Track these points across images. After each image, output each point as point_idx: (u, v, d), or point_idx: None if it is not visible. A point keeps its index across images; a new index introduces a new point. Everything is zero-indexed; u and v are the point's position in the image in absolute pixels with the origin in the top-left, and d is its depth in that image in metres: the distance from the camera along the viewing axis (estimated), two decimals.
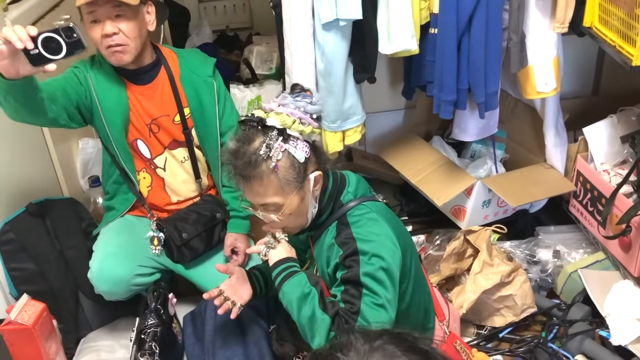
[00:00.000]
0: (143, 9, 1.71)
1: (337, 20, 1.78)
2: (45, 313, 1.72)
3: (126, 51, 1.69)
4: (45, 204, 1.98)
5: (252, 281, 1.60)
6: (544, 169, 2.19)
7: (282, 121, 1.33)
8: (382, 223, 1.38)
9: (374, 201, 1.45)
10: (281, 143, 1.31)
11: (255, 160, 1.31)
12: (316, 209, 1.42)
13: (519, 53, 1.84)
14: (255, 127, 1.34)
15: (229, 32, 3.96)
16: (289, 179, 1.33)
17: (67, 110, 1.71)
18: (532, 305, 1.87)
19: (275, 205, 1.36)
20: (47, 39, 1.34)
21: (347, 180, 1.47)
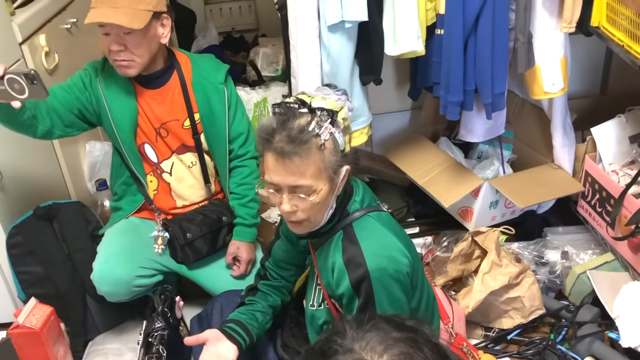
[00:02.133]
0: (155, 24, 1.69)
1: (342, 22, 1.77)
2: (53, 316, 1.73)
3: (131, 66, 1.70)
4: (53, 207, 1.99)
5: (230, 337, 1.47)
6: (551, 170, 2.18)
7: (332, 105, 1.30)
8: (390, 235, 1.34)
9: (379, 211, 1.41)
10: (329, 125, 1.27)
11: (304, 135, 1.24)
12: (332, 210, 1.36)
13: (526, 53, 1.83)
14: (295, 108, 1.29)
15: (234, 34, 3.97)
16: (331, 161, 1.27)
17: (64, 121, 1.74)
18: (540, 306, 1.85)
19: (308, 189, 1.27)
20: (11, 79, 1.42)
21: (354, 189, 1.43)
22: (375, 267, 1.29)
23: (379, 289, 1.30)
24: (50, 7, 2.32)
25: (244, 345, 1.48)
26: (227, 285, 1.86)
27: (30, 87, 1.41)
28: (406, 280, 1.34)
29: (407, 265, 1.33)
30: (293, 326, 1.65)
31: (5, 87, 1.41)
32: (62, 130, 1.75)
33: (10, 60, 1.99)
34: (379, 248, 1.32)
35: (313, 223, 1.36)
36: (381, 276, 1.29)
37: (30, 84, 1.41)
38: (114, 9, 1.61)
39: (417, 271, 1.41)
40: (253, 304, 1.59)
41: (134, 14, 1.62)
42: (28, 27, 2.11)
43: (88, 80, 1.77)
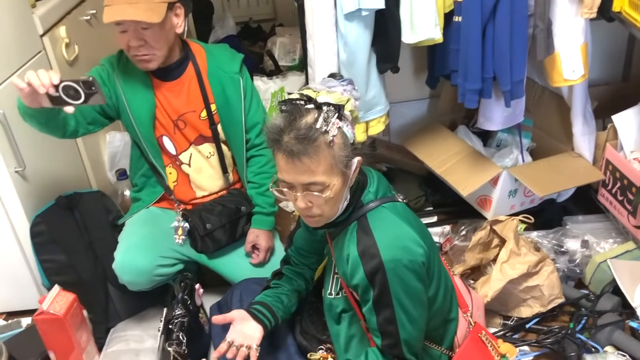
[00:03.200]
0: (170, 15, 1.69)
1: (359, 10, 1.76)
2: (76, 303, 1.76)
3: (152, 59, 1.71)
4: (75, 196, 2.02)
5: (256, 317, 1.52)
6: (571, 158, 2.15)
7: (338, 99, 1.30)
8: (405, 226, 1.34)
9: (394, 202, 1.41)
10: (337, 120, 1.27)
11: (313, 133, 1.24)
12: (347, 202, 1.37)
13: (545, 40, 1.81)
14: (301, 104, 1.28)
15: (252, 24, 3.97)
16: (341, 156, 1.27)
17: (86, 119, 1.76)
18: (559, 295, 1.84)
19: (322, 185, 1.28)
20: (68, 87, 1.43)
21: (368, 179, 1.43)
22: (390, 258, 1.30)
23: (394, 279, 1.30)
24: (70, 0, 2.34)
25: (269, 326, 1.52)
26: (246, 273, 1.88)
27: (86, 93, 1.44)
28: (421, 270, 1.34)
29: (422, 255, 1.33)
30: (312, 313, 1.67)
31: (60, 94, 1.44)
32: (85, 128, 1.78)
33: (31, 52, 2.03)
34: (392, 239, 1.32)
35: (327, 217, 1.37)
36: (395, 267, 1.30)
37: (88, 90, 1.43)
38: (130, 4, 1.61)
39: (433, 260, 1.41)
40: (278, 287, 1.62)
41: (150, 7, 1.62)
42: (49, 19, 2.14)
43: (106, 75, 1.79)
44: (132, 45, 1.67)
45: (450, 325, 1.51)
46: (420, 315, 1.36)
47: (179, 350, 1.62)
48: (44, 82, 1.41)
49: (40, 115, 1.59)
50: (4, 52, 1.86)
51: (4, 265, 1.99)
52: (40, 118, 1.61)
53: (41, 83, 1.41)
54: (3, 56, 1.85)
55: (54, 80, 1.42)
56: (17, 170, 1.88)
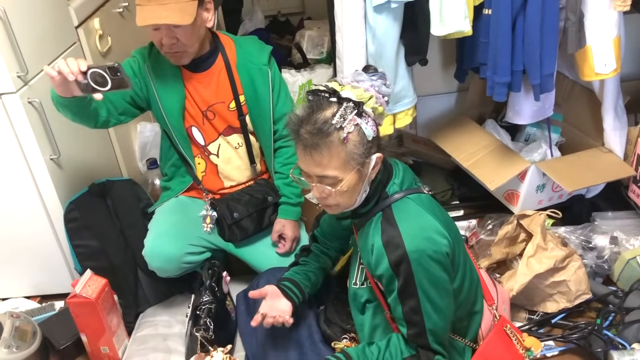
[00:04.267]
0: (200, 11, 1.72)
1: (388, 2, 1.77)
2: (107, 288, 1.81)
3: (184, 55, 1.74)
4: (106, 184, 2.07)
5: (286, 294, 1.62)
6: (601, 153, 2.13)
7: (359, 95, 1.31)
8: (429, 217, 1.35)
9: (419, 193, 1.42)
10: (355, 116, 1.28)
11: (327, 128, 1.26)
12: (366, 194, 1.39)
13: (576, 33, 1.78)
14: (326, 97, 1.31)
15: (280, 17, 4.00)
16: (356, 153, 1.30)
17: (118, 109, 1.80)
18: (586, 291, 1.82)
19: (334, 179, 1.31)
20: (95, 73, 1.48)
21: (394, 171, 1.44)
22: (414, 249, 1.31)
23: (418, 269, 1.31)
24: None
25: (297, 302, 1.62)
26: (272, 262, 1.91)
27: (112, 79, 1.48)
28: (446, 260, 1.34)
29: (446, 246, 1.34)
30: (336, 303, 1.69)
31: (89, 81, 1.48)
32: (117, 118, 1.82)
33: (67, 43, 2.08)
34: (417, 229, 1.33)
35: (345, 206, 1.40)
36: (420, 257, 1.31)
37: (114, 75, 1.48)
38: (163, 5, 1.63)
39: (458, 252, 1.41)
40: (306, 265, 1.70)
41: (182, 8, 1.64)
42: (83, 12, 2.19)
43: (137, 67, 1.82)
44: (165, 43, 1.70)
45: (475, 317, 1.52)
46: (446, 305, 1.37)
47: (206, 336, 1.66)
48: (73, 69, 1.45)
49: (73, 104, 1.63)
50: (41, 42, 1.92)
51: (39, 250, 2.05)
52: (73, 107, 1.65)
53: (70, 70, 1.45)
54: (40, 47, 1.91)
55: (81, 67, 1.46)
56: (52, 158, 1.93)
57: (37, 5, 1.92)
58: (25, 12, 1.84)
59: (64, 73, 1.46)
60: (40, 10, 1.93)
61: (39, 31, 1.91)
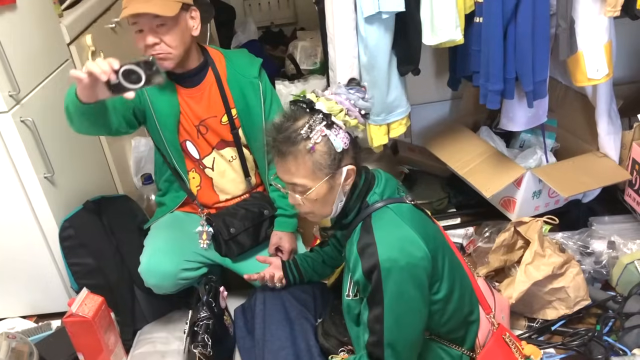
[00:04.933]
0: (185, 16, 1.73)
1: (379, 13, 1.77)
2: (104, 306, 1.80)
3: (168, 58, 1.73)
4: (102, 201, 2.06)
5: (285, 271, 1.75)
6: (596, 158, 2.13)
7: (330, 107, 1.35)
8: (406, 227, 1.36)
9: (400, 203, 1.42)
10: (323, 127, 1.33)
11: (295, 137, 1.33)
12: (342, 203, 1.43)
13: (568, 39, 1.79)
14: (303, 108, 1.37)
15: (273, 28, 4.01)
16: (322, 163, 1.34)
17: (125, 118, 1.79)
18: (585, 297, 1.82)
19: (303, 187, 1.37)
20: (128, 70, 1.39)
21: (376, 180, 1.46)
22: (386, 258, 1.32)
23: (388, 279, 1.31)
24: (96, 8, 2.39)
25: (291, 282, 1.77)
26: None
27: (148, 75, 1.39)
28: (420, 274, 1.34)
29: (421, 259, 1.33)
30: (333, 315, 1.68)
31: (120, 80, 1.40)
32: (125, 129, 1.81)
33: (59, 61, 2.08)
34: (392, 239, 1.35)
35: (320, 215, 1.45)
36: (391, 267, 1.31)
37: (149, 70, 1.40)
38: (144, 2, 1.65)
39: (442, 263, 1.41)
40: (317, 253, 1.79)
41: (164, 4, 1.66)
42: (75, 28, 2.19)
43: None
44: (148, 43, 1.69)
45: (471, 326, 1.51)
46: (411, 323, 1.36)
47: (204, 352, 1.65)
48: (104, 68, 1.37)
49: (92, 112, 1.57)
50: (33, 61, 1.91)
51: (35, 269, 2.04)
52: (92, 115, 1.60)
53: (102, 70, 1.37)
54: (32, 65, 1.90)
55: (114, 66, 1.39)
56: (46, 176, 1.92)
57: (28, 24, 1.91)
58: (16, 30, 1.84)
59: (96, 73, 1.37)
60: (32, 28, 1.93)
61: (30, 49, 1.91)
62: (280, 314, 1.69)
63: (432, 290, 1.40)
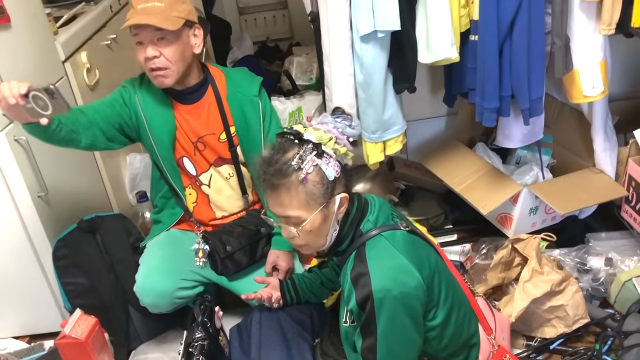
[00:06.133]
0: (188, 32, 1.73)
1: (375, 32, 1.77)
2: (98, 327, 1.77)
3: (167, 75, 1.73)
4: (96, 220, 2.04)
5: (282, 290, 1.73)
6: (593, 174, 2.13)
7: (319, 137, 1.36)
8: (400, 256, 1.35)
9: (395, 230, 1.41)
10: (314, 157, 1.33)
11: (286, 169, 1.32)
12: (336, 232, 1.42)
13: (563, 57, 1.79)
14: (291, 139, 1.37)
15: (269, 43, 4.01)
16: (315, 193, 1.34)
17: (106, 134, 1.78)
18: (584, 315, 1.81)
19: (297, 219, 1.36)
20: (35, 96, 1.41)
21: (369, 207, 1.45)
22: (380, 288, 1.31)
23: (381, 309, 1.31)
24: (91, 25, 2.39)
25: (288, 302, 1.74)
26: None
27: (52, 102, 1.41)
28: (414, 303, 1.33)
29: (415, 288, 1.32)
30: (332, 335, 1.67)
31: (32, 105, 1.41)
32: (105, 143, 1.80)
33: (54, 78, 2.07)
34: (385, 269, 1.34)
35: (315, 246, 1.44)
36: (384, 297, 1.30)
37: (51, 98, 1.41)
38: (148, 15, 1.66)
39: (438, 289, 1.39)
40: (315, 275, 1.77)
41: (167, 17, 1.67)
42: (70, 46, 2.19)
43: (127, 96, 1.82)
44: (148, 55, 1.69)
45: (472, 350, 1.49)
46: (404, 353, 1.36)
47: None
48: (13, 92, 1.40)
49: (37, 131, 1.59)
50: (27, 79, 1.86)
51: (27, 289, 2.02)
52: (39, 134, 1.62)
53: (11, 93, 1.40)
54: None
55: (21, 90, 1.40)
56: (39, 195, 1.91)
57: (23, 42, 1.91)
58: (11, 49, 1.83)
59: (5, 96, 1.40)
60: (27, 46, 1.93)
61: (25, 67, 1.90)
62: (277, 334, 1.67)
63: (427, 317, 1.39)
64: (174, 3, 1.69)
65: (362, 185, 2.45)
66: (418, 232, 1.48)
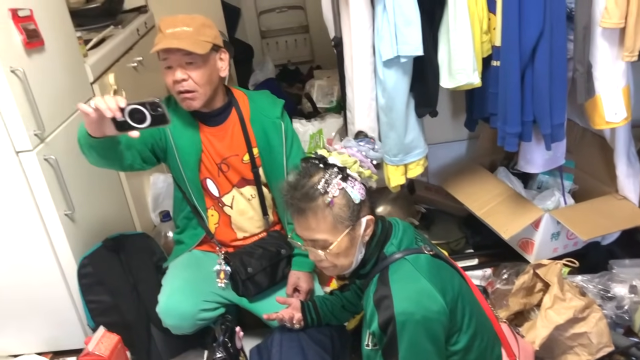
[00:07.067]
0: (215, 56, 1.78)
1: (397, 57, 1.79)
2: (120, 345, 1.79)
3: (195, 97, 1.77)
4: (120, 239, 2.08)
5: (303, 311, 1.73)
6: (615, 200, 2.11)
7: (343, 160, 1.38)
8: (423, 280, 1.35)
9: (418, 254, 1.42)
10: (340, 181, 1.35)
11: (312, 193, 1.34)
12: (362, 255, 1.43)
13: (585, 83, 1.79)
14: (316, 164, 1.39)
15: (290, 66, 4.07)
16: (342, 216, 1.35)
17: (142, 155, 1.81)
18: (608, 344, 1.78)
19: (325, 242, 1.37)
20: (134, 110, 1.42)
21: (393, 231, 1.46)
22: (402, 311, 1.31)
23: (403, 333, 1.31)
24: (119, 48, 2.46)
25: (309, 323, 1.74)
26: None
27: (153, 115, 1.42)
28: (436, 327, 1.33)
29: (437, 312, 1.32)
30: (353, 357, 1.66)
31: (126, 118, 1.42)
32: (140, 164, 1.83)
33: (82, 99, 2.12)
34: (408, 292, 1.34)
35: (341, 268, 1.44)
36: (406, 320, 1.30)
37: (154, 111, 1.42)
38: (177, 39, 1.70)
39: (461, 314, 1.39)
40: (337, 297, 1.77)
41: (195, 42, 1.71)
42: (99, 68, 2.25)
43: None
44: (177, 78, 1.73)
45: None
46: None
47: None
48: (111, 105, 1.41)
49: (101, 145, 1.61)
50: (57, 100, 1.96)
51: (52, 306, 2.04)
52: (100, 149, 1.63)
53: (108, 107, 1.41)
54: (56, 105, 1.95)
55: (120, 104, 1.42)
56: (66, 213, 1.94)
57: (55, 64, 1.97)
58: (43, 71, 1.89)
59: (102, 109, 1.41)
60: (58, 68, 1.98)
61: (56, 89, 1.96)
62: (298, 355, 1.67)
63: (450, 341, 1.38)
64: (201, 27, 1.74)
65: (382, 208, 2.45)
66: (442, 255, 1.48)
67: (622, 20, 1.69)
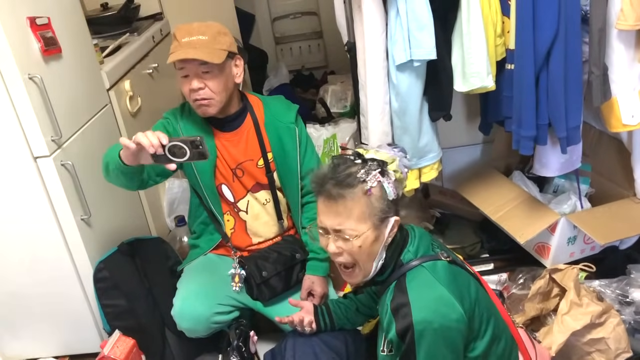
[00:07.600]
0: (230, 64, 1.79)
1: (411, 61, 1.79)
2: (135, 349, 1.81)
3: (211, 105, 1.78)
4: (135, 243, 2.09)
5: (316, 315, 1.71)
6: (633, 204, 2.09)
7: (384, 157, 1.40)
8: (441, 288, 1.34)
9: (435, 261, 1.40)
10: (378, 174, 1.36)
11: (352, 180, 1.34)
12: (382, 262, 1.42)
13: (601, 86, 1.78)
14: (351, 159, 1.39)
15: (304, 72, 4.09)
16: (376, 208, 1.35)
17: (155, 170, 1.82)
18: (627, 349, 1.76)
19: (352, 232, 1.35)
20: (175, 146, 1.46)
21: (410, 237, 1.46)
22: (420, 319, 1.30)
23: (421, 341, 1.29)
24: (135, 54, 2.49)
25: (322, 328, 1.71)
26: None
27: (192, 152, 1.47)
28: (454, 336, 1.31)
29: (456, 321, 1.31)
30: None
31: (166, 153, 1.47)
32: (154, 179, 1.85)
33: (99, 106, 2.15)
34: (426, 300, 1.33)
35: (363, 272, 1.42)
36: (424, 329, 1.29)
37: (194, 148, 1.46)
38: (193, 48, 1.71)
39: (478, 320, 1.38)
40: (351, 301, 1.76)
41: (211, 51, 1.72)
42: (115, 74, 2.27)
43: (171, 127, 1.87)
44: (193, 87, 1.74)
45: None
46: None
47: None
48: (154, 142, 1.46)
49: (132, 172, 1.66)
50: (74, 107, 1.98)
51: (68, 309, 2.06)
52: (129, 174, 1.68)
53: (151, 144, 1.46)
54: (73, 111, 1.97)
55: (163, 141, 1.47)
56: (82, 218, 1.96)
57: (72, 71, 1.99)
58: (61, 78, 1.91)
59: (145, 145, 1.46)
60: (75, 75, 2.01)
61: (73, 96, 1.98)
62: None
63: (468, 348, 1.37)
64: (217, 36, 1.75)
65: None
66: (458, 261, 1.47)
67: (638, 22, 1.67)
